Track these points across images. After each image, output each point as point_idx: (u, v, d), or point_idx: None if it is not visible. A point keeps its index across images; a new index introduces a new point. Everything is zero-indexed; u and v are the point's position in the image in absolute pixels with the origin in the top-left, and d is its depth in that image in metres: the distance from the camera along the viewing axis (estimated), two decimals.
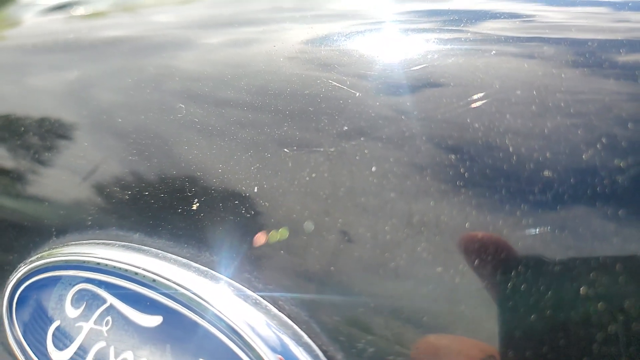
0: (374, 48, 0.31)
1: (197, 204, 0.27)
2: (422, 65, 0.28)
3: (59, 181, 0.34)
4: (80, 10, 0.58)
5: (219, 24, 0.43)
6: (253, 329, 0.22)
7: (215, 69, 0.34)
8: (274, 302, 0.24)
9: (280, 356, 0.22)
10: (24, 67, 0.43)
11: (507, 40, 0.29)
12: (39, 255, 0.29)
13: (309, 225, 0.23)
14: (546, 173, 0.22)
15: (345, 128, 0.26)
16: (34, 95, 0.39)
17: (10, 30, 0.61)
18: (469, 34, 0.31)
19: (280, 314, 0.23)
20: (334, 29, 0.35)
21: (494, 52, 0.28)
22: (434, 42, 0.30)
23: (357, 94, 0.27)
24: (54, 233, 0.31)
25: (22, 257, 0.31)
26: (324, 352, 0.22)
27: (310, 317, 0.23)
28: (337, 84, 0.28)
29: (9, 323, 0.29)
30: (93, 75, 0.38)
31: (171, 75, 0.34)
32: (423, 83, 0.27)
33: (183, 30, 0.43)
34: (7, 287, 0.30)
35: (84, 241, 0.29)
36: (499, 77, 0.26)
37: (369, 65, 0.30)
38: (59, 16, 0.59)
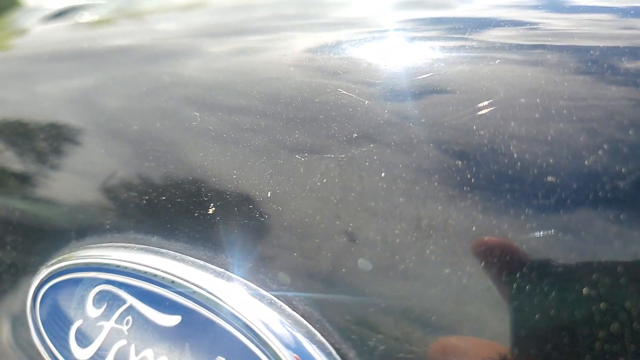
0: (381, 56, 0.32)
1: (213, 208, 0.28)
2: (429, 74, 0.28)
3: (78, 186, 0.34)
4: (86, 17, 0.59)
5: (229, 33, 0.44)
6: (268, 328, 0.23)
7: (228, 77, 0.35)
8: (288, 302, 0.24)
9: (294, 354, 0.23)
10: (43, 75, 0.44)
11: (512, 48, 0.30)
12: (60, 258, 0.30)
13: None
14: (550, 178, 0.22)
15: (355, 135, 0.27)
16: (52, 103, 0.40)
17: (24, 38, 0.62)
18: (473, 42, 0.31)
19: (294, 313, 0.24)
20: (342, 37, 0.36)
21: (498, 60, 0.28)
22: (439, 50, 0.31)
23: (366, 102, 0.28)
24: (74, 236, 0.31)
25: (43, 260, 0.31)
26: (337, 350, 0.23)
27: (323, 316, 0.24)
28: (346, 92, 0.29)
29: (33, 322, 0.29)
30: (108, 83, 0.39)
31: (185, 84, 0.35)
32: (429, 91, 0.27)
33: (193, 39, 0.43)
34: (30, 288, 0.30)
35: (104, 244, 0.30)
36: (503, 85, 0.26)
37: (376, 73, 0.30)
38: (66, 23, 0.60)
